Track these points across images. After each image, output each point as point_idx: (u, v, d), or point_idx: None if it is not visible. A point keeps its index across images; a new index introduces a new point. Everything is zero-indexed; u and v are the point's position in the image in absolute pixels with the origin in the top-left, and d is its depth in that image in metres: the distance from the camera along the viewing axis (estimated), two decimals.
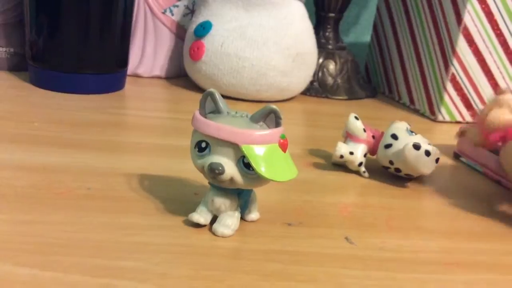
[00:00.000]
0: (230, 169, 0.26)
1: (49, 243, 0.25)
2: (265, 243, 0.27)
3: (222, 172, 0.25)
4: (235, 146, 0.25)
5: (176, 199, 0.30)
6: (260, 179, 0.26)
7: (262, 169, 0.25)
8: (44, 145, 0.37)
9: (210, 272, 0.24)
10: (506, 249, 0.30)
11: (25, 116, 0.43)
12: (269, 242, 0.27)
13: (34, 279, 0.22)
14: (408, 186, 0.38)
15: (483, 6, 0.54)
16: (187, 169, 0.31)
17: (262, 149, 0.25)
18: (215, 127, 0.26)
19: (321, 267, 0.25)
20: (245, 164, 0.26)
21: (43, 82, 0.52)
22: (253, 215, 0.29)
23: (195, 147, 0.27)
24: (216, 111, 0.27)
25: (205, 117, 0.27)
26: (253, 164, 0.25)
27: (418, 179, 0.38)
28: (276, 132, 0.26)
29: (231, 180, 0.26)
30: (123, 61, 0.55)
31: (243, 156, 0.25)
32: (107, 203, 0.29)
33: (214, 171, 0.25)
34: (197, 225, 0.27)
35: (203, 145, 0.26)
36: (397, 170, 0.37)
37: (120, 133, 0.42)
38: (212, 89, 0.27)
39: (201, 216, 0.27)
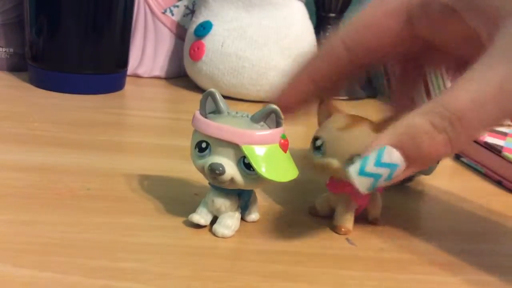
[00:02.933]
0: (231, 170, 0.25)
1: (48, 243, 0.24)
2: (265, 244, 0.27)
3: (222, 172, 0.25)
4: (235, 147, 0.25)
5: (176, 200, 0.30)
6: (261, 180, 0.26)
7: (262, 169, 0.25)
8: (44, 145, 0.37)
9: (210, 273, 0.24)
10: (507, 250, 0.30)
11: (25, 116, 0.43)
12: (269, 243, 0.27)
13: (34, 280, 0.22)
14: (408, 186, 0.37)
15: None
16: (187, 169, 0.31)
17: (262, 149, 0.25)
18: (216, 127, 0.26)
19: (322, 268, 0.25)
20: (245, 165, 0.25)
21: (43, 82, 0.52)
22: (254, 216, 0.29)
23: (195, 147, 0.26)
24: (217, 111, 0.26)
25: (206, 117, 0.26)
26: (254, 164, 0.25)
27: (419, 180, 0.38)
28: (276, 132, 0.26)
29: (232, 180, 0.26)
30: (123, 61, 0.55)
31: (244, 157, 0.25)
32: (107, 203, 0.29)
33: (214, 172, 0.25)
34: (197, 226, 0.27)
35: (204, 145, 0.26)
36: None
37: (120, 133, 0.42)
38: (212, 89, 0.26)
39: (201, 217, 0.27)
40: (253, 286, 0.23)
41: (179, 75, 0.64)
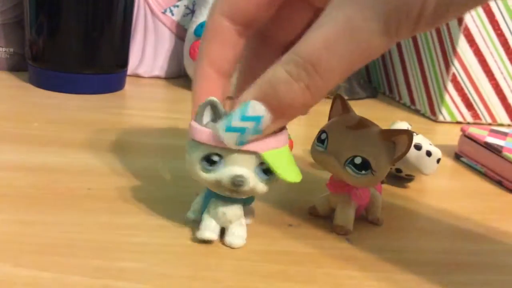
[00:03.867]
0: (252, 180, 0.24)
1: (49, 243, 0.25)
2: (265, 244, 0.27)
3: (247, 183, 0.24)
4: (254, 155, 0.24)
5: (176, 199, 0.30)
6: (272, 183, 0.25)
7: (283, 172, 0.24)
8: (44, 145, 0.37)
9: (210, 272, 0.24)
10: (506, 250, 0.30)
11: (25, 116, 0.43)
12: (269, 243, 0.27)
13: (34, 280, 0.22)
14: (408, 186, 0.37)
15: (484, 6, 0.54)
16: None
17: (279, 153, 0.25)
18: None
19: (321, 268, 0.25)
20: (263, 171, 0.25)
21: (43, 82, 0.52)
22: (248, 220, 0.28)
23: (202, 161, 0.25)
24: (217, 119, 0.24)
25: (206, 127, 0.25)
26: (276, 169, 0.24)
27: (419, 180, 0.38)
28: (286, 133, 0.25)
29: (252, 190, 0.25)
30: (123, 61, 0.55)
31: (261, 163, 0.24)
32: (107, 203, 0.29)
33: (238, 185, 0.24)
34: (205, 241, 0.26)
35: (215, 158, 0.24)
36: (398, 170, 0.37)
37: (120, 133, 0.42)
38: (212, 98, 0.24)
39: (212, 231, 0.26)
40: (252, 286, 0.23)
41: (179, 75, 0.64)
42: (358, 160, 0.27)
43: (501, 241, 0.31)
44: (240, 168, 0.24)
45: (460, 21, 0.55)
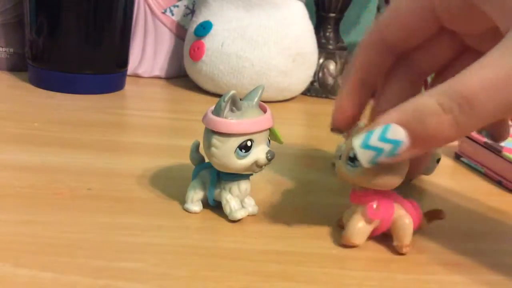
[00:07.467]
0: None
1: (49, 243, 0.25)
2: (265, 244, 0.27)
3: (274, 155, 0.28)
4: (267, 131, 0.28)
5: (176, 199, 0.30)
6: None
7: (281, 137, 0.29)
8: (44, 145, 0.37)
9: (210, 272, 0.24)
10: (507, 250, 0.30)
11: (25, 116, 0.43)
12: (269, 243, 0.27)
13: (34, 280, 0.22)
14: (409, 186, 0.37)
15: None
16: (187, 169, 0.31)
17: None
18: (258, 121, 0.27)
19: (321, 268, 0.25)
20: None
21: (43, 82, 0.52)
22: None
23: (240, 150, 0.27)
24: (235, 109, 0.27)
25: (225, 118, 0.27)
26: (279, 136, 0.29)
27: (419, 180, 0.38)
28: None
29: None
30: (123, 61, 0.55)
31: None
32: (107, 203, 0.29)
33: (272, 158, 0.28)
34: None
35: (249, 143, 0.27)
36: None
37: (120, 133, 0.42)
38: (233, 91, 0.27)
39: (242, 209, 0.29)
40: (253, 286, 0.23)
41: (179, 75, 0.63)
42: (352, 154, 0.26)
43: (501, 241, 0.31)
44: (264, 146, 0.28)
45: None
